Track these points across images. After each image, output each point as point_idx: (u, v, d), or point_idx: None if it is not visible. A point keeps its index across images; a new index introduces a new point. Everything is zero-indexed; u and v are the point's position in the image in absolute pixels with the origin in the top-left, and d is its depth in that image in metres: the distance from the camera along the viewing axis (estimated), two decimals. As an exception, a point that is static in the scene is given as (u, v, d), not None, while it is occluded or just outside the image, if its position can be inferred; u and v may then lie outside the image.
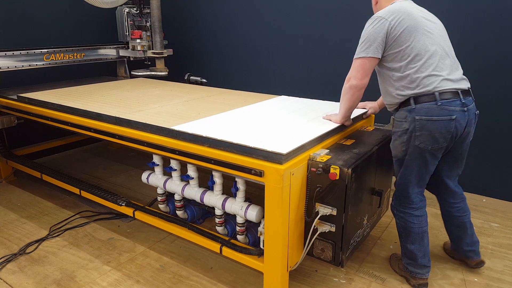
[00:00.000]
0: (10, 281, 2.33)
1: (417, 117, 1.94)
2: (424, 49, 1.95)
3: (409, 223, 2.17)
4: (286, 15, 4.04)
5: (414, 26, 1.96)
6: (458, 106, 1.93)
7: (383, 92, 2.17)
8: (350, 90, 2.11)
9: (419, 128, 1.95)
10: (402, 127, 2.02)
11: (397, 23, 1.95)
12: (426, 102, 1.93)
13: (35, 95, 3.25)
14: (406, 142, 2.01)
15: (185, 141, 2.16)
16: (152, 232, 2.84)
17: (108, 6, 3.72)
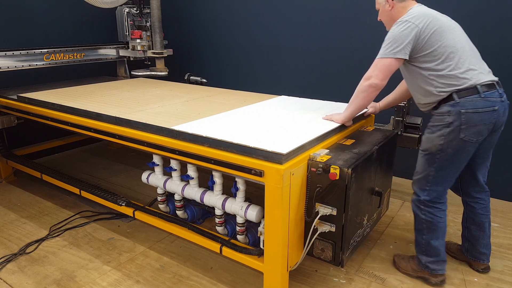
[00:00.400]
0: (10, 281, 2.33)
1: (462, 110, 1.96)
2: (455, 46, 2.00)
3: (437, 218, 2.16)
4: (286, 15, 4.04)
5: (441, 26, 2.02)
6: (497, 97, 1.99)
7: (420, 92, 2.15)
8: (369, 88, 2.11)
9: (464, 121, 1.96)
10: (444, 121, 2.01)
11: (426, 26, 2.00)
12: (470, 95, 1.96)
13: (35, 95, 3.25)
14: (447, 135, 2.01)
15: (185, 141, 2.16)
16: (152, 232, 2.84)
17: (108, 6, 3.72)
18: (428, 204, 2.17)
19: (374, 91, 2.12)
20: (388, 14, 2.25)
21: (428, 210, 2.18)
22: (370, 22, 3.55)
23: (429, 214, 2.18)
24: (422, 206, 2.19)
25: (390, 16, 2.24)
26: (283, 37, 4.11)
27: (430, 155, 2.10)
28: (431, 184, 2.14)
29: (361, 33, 3.63)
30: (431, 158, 2.10)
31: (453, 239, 2.68)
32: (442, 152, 2.04)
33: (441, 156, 2.05)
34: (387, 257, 2.55)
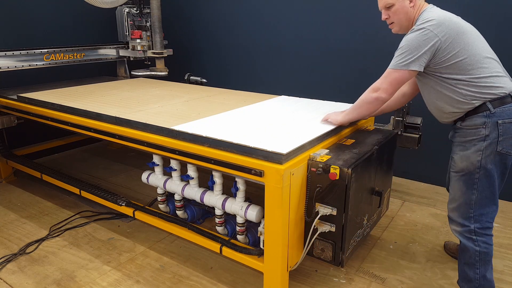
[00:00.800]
0: (10, 281, 2.33)
1: (499, 121, 1.79)
2: (480, 53, 1.86)
3: (491, 247, 1.91)
4: (286, 15, 4.04)
5: (464, 33, 1.85)
6: None
7: (444, 102, 1.95)
8: (375, 101, 2.02)
9: (502, 133, 1.79)
10: (479, 134, 1.83)
11: (449, 36, 1.82)
12: (505, 104, 1.81)
13: (35, 95, 3.25)
14: (484, 150, 1.82)
15: (185, 141, 2.16)
16: (152, 232, 2.84)
17: (108, 6, 3.72)
18: (481, 233, 1.90)
19: (380, 104, 2.04)
20: (407, 12, 1.99)
21: (483, 240, 1.90)
22: (370, 22, 3.55)
23: (484, 244, 1.90)
24: (475, 236, 1.90)
25: (408, 14, 2.00)
26: (283, 37, 4.11)
27: (468, 175, 1.87)
28: (477, 209, 1.89)
29: (361, 33, 3.63)
30: (470, 179, 1.87)
31: (452, 238, 2.68)
32: (481, 169, 1.83)
33: (480, 174, 1.84)
34: (387, 257, 2.55)
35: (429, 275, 2.37)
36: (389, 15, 2.06)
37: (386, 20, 2.12)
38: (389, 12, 2.05)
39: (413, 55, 1.85)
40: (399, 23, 2.06)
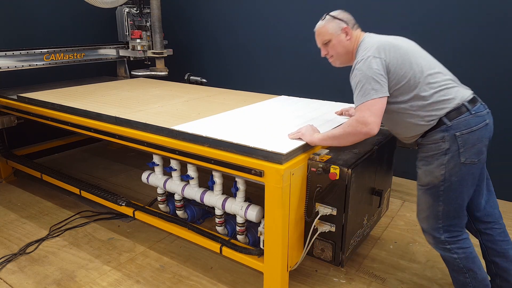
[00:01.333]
0: (10, 281, 2.33)
1: (457, 133, 1.77)
2: (427, 68, 1.84)
3: (469, 250, 1.89)
4: (286, 15, 4.04)
5: (405, 53, 1.85)
6: (483, 109, 1.83)
7: (405, 128, 1.93)
8: (364, 136, 1.86)
9: (462, 144, 1.77)
10: (440, 148, 1.81)
11: (391, 57, 1.83)
12: (460, 115, 1.78)
13: (35, 95, 3.25)
14: (446, 163, 1.80)
15: (185, 141, 2.16)
16: (152, 232, 2.84)
17: (108, 6, 3.72)
18: (453, 241, 1.89)
19: (367, 137, 1.88)
20: (345, 45, 2.00)
21: (457, 246, 1.88)
22: (370, 22, 3.55)
23: (460, 249, 1.88)
24: (448, 245, 1.89)
25: (346, 48, 2.00)
26: (283, 37, 4.11)
27: (433, 189, 1.86)
28: (445, 220, 1.88)
29: (361, 33, 3.62)
30: (436, 192, 1.85)
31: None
32: (445, 182, 1.82)
33: (445, 187, 1.82)
34: (387, 257, 2.55)
35: (429, 275, 2.37)
36: (328, 50, 2.06)
37: (326, 56, 2.10)
38: (327, 48, 2.06)
39: (374, 83, 1.80)
40: (338, 57, 2.05)
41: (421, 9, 3.31)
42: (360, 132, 1.84)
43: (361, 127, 1.82)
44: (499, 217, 2.05)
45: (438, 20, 3.25)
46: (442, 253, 1.94)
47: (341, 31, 2.01)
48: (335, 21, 2.03)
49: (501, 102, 3.14)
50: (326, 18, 2.07)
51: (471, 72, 3.21)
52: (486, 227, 2.02)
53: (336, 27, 2.01)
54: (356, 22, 2.08)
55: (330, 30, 2.02)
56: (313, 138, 2.02)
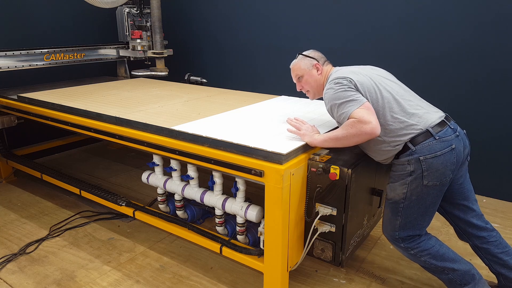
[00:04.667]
0: (10, 281, 2.33)
1: (421, 157, 1.83)
2: (393, 94, 1.91)
3: (434, 250, 1.96)
4: (286, 15, 4.04)
5: (370, 79, 1.94)
6: (451, 133, 1.87)
7: (373, 152, 2.01)
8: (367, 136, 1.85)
9: (426, 168, 1.83)
10: (405, 170, 1.88)
11: (358, 79, 1.91)
12: (424, 140, 1.84)
13: (35, 95, 3.25)
14: (409, 183, 1.88)
15: (185, 141, 2.16)
16: (152, 232, 2.84)
17: (108, 6, 3.72)
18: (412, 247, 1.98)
19: (372, 137, 1.88)
20: (316, 79, 2.15)
21: (419, 250, 1.97)
22: (370, 22, 3.55)
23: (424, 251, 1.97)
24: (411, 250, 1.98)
25: (317, 81, 2.15)
26: (283, 37, 4.11)
27: (394, 203, 1.96)
28: (401, 232, 1.98)
29: (361, 34, 3.63)
30: (395, 207, 1.96)
31: (448, 238, 2.67)
32: (405, 200, 1.92)
33: (404, 204, 1.93)
34: (387, 257, 2.55)
35: (429, 275, 2.37)
36: (302, 85, 2.24)
37: (301, 90, 2.26)
38: (301, 83, 2.23)
39: (350, 94, 1.87)
40: (312, 90, 2.21)
41: (421, 8, 3.31)
42: (364, 132, 1.83)
43: (364, 126, 1.81)
44: (491, 229, 2.09)
45: (439, 19, 3.26)
46: (412, 259, 2.03)
47: (312, 67, 2.18)
48: (307, 59, 2.20)
49: (501, 102, 3.14)
50: (299, 57, 2.24)
51: (472, 71, 3.22)
52: (482, 242, 2.07)
53: (308, 64, 2.19)
54: (327, 59, 2.25)
55: (302, 67, 2.19)
56: (313, 139, 2.02)
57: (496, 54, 3.09)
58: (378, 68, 2.11)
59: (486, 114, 3.21)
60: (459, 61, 3.24)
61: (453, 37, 3.22)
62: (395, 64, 3.47)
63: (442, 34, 3.26)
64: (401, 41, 3.44)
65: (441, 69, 3.32)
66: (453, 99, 3.31)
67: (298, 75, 2.21)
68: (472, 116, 3.26)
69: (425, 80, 3.39)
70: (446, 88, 3.33)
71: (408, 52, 3.42)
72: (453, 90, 3.31)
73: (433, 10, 3.26)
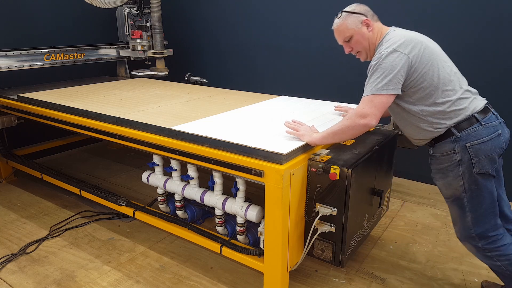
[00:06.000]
0: (10, 281, 2.33)
1: (467, 144, 1.77)
2: (447, 76, 1.82)
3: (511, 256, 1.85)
4: (286, 15, 4.04)
5: (430, 54, 1.82)
6: (495, 119, 1.82)
7: (412, 129, 1.95)
8: (363, 128, 1.86)
9: (474, 155, 1.77)
10: (452, 160, 1.81)
11: (417, 56, 1.79)
12: (470, 126, 1.78)
13: (35, 95, 3.25)
14: (462, 174, 1.81)
15: (185, 141, 2.16)
16: (152, 232, 2.84)
17: (108, 6, 3.72)
18: (492, 248, 1.86)
19: (366, 130, 1.88)
20: (368, 37, 1.97)
21: (498, 254, 1.86)
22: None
23: (502, 256, 1.85)
24: (488, 253, 1.87)
25: (369, 40, 1.97)
26: (283, 37, 4.11)
27: (457, 200, 1.86)
28: (476, 228, 1.86)
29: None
30: (460, 203, 1.86)
31: (448, 238, 2.67)
32: (466, 192, 1.82)
33: (468, 196, 1.82)
34: (387, 257, 2.55)
35: (429, 275, 2.37)
36: (352, 46, 2.04)
37: (351, 52, 2.09)
38: (350, 44, 2.04)
39: (389, 78, 1.77)
40: (364, 51, 2.03)
41: (422, 7, 3.31)
42: (358, 124, 1.84)
43: (359, 119, 1.83)
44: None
45: (438, 19, 3.25)
46: (486, 262, 1.92)
47: (362, 24, 1.96)
48: (353, 15, 1.96)
49: (501, 101, 3.14)
50: (342, 15, 2.00)
51: (473, 71, 3.21)
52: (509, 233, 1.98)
53: (356, 21, 1.96)
54: (374, 14, 2.01)
55: (350, 26, 1.97)
56: (312, 138, 2.02)
57: (496, 54, 3.09)
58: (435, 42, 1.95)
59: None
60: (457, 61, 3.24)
61: (454, 36, 3.22)
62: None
63: (442, 34, 3.25)
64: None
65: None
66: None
67: (346, 36, 2.00)
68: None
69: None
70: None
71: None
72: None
73: (435, 9, 3.26)
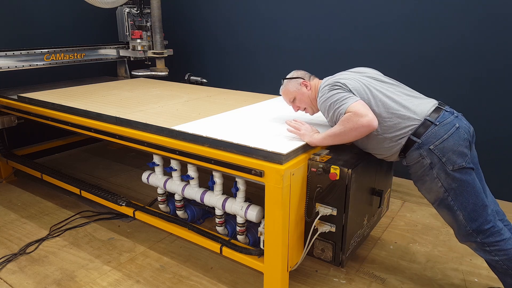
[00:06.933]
0: (10, 281, 2.33)
1: (431, 146, 1.82)
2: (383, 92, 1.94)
3: (510, 251, 1.86)
4: (286, 15, 4.04)
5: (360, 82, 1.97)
6: (449, 115, 1.87)
7: (377, 151, 2.02)
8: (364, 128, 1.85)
9: (441, 154, 1.81)
10: (424, 165, 1.86)
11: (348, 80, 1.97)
12: (427, 130, 1.84)
13: (35, 95, 3.25)
14: (438, 176, 1.85)
15: (185, 141, 2.16)
16: (152, 232, 2.84)
17: (108, 6, 3.72)
18: (491, 242, 1.87)
19: (370, 131, 1.88)
20: (308, 96, 2.20)
21: (496, 249, 1.87)
22: (371, 22, 3.55)
23: (501, 251, 1.86)
24: (487, 247, 1.88)
25: (310, 97, 2.20)
26: (283, 37, 4.11)
27: (442, 202, 1.90)
28: (470, 224, 1.87)
29: (362, 34, 3.63)
30: (446, 204, 1.89)
31: (448, 238, 2.67)
32: (448, 192, 1.85)
33: (451, 195, 1.86)
34: (387, 257, 2.55)
35: (429, 276, 2.37)
36: (298, 105, 2.28)
37: (299, 110, 2.31)
38: (295, 103, 2.28)
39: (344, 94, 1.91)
40: (309, 106, 2.25)
41: (422, 7, 3.31)
42: (361, 125, 1.84)
43: (361, 119, 1.84)
44: (503, 214, 2.08)
45: (437, 18, 3.26)
46: (484, 257, 1.93)
47: (301, 86, 2.22)
48: (292, 81, 2.25)
49: (501, 102, 3.14)
50: (284, 82, 2.30)
51: (474, 70, 3.22)
52: None
53: (295, 84, 2.24)
54: (311, 74, 2.28)
55: (291, 89, 2.25)
56: (313, 138, 2.03)
57: (497, 53, 3.09)
58: (364, 69, 2.15)
59: (486, 114, 3.21)
60: (458, 60, 3.24)
61: (451, 35, 3.22)
62: (396, 63, 3.47)
63: (440, 33, 3.25)
64: (401, 41, 3.43)
65: (440, 68, 3.32)
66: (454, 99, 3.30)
67: (291, 98, 2.27)
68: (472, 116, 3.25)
69: (424, 79, 3.39)
70: (445, 87, 3.33)
71: (412, 51, 3.41)
72: (452, 89, 3.31)
73: (433, 8, 3.26)
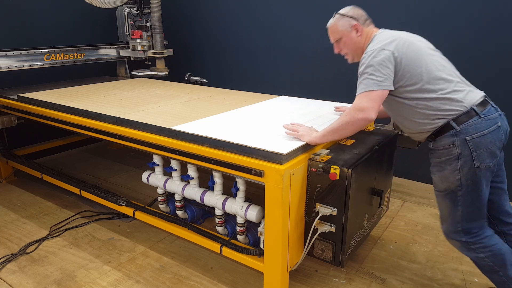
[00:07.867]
0: (10, 281, 2.33)
1: (467, 137, 1.75)
2: (437, 68, 1.83)
3: (496, 248, 1.86)
4: (286, 15, 4.04)
5: (417, 50, 1.85)
6: (494, 111, 1.81)
7: (409, 124, 1.95)
8: (363, 122, 1.86)
9: (474, 148, 1.75)
10: (451, 153, 1.80)
11: (402, 52, 1.83)
12: (469, 119, 1.77)
13: (35, 95, 3.25)
14: (460, 168, 1.79)
15: (185, 141, 2.16)
16: (152, 232, 2.84)
17: (108, 6, 3.72)
18: (475, 241, 1.87)
19: (366, 124, 1.88)
20: (356, 42, 2.03)
21: (481, 246, 1.86)
22: (370, 22, 3.55)
23: (485, 248, 1.86)
24: (472, 245, 1.87)
25: (357, 44, 2.03)
26: (283, 37, 4.11)
27: (450, 194, 1.85)
28: (464, 223, 1.86)
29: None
30: (453, 197, 1.84)
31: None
32: (462, 187, 1.80)
33: (462, 191, 1.81)
34: (388, 257, 2.55)
35: (429, 275, 2.37)
36: (340, 48, 2.12)
37: (339, 53, 2.15)
38: (339, 45, 2.11)
39: (378, 74, 1.81)
40: (351, 53, 2.10)
41: (423, 7, 3.31)
42: (357, 119, 1.86)
43: (358, 113, 1.84)
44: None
45: (439, 17, 3.26)
46: (469, 255, 1.92)
47: (351, 28, 2.03)
48: (345, 18, 2.05)
49: (501, 102, 3.14)
50: (336, 17, 2.09)
51: (473, 69, 3.21)
52: (510, 228, 1.99)
53: (346, 24, 2.04)
54: (368, 18, 2.07)
55: (340, 28, 2.05)
56: (312, 137, 2.03)
57: (498, 53, 3.09)
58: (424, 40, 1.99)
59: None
60: (459, 60, 3.24)
61: (451, 35, 3.22)
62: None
63: (442, 33, 3.26)
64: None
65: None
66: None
67: (336, 37, 2.08)
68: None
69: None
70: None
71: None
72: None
73: (436, 9, 3.26)
